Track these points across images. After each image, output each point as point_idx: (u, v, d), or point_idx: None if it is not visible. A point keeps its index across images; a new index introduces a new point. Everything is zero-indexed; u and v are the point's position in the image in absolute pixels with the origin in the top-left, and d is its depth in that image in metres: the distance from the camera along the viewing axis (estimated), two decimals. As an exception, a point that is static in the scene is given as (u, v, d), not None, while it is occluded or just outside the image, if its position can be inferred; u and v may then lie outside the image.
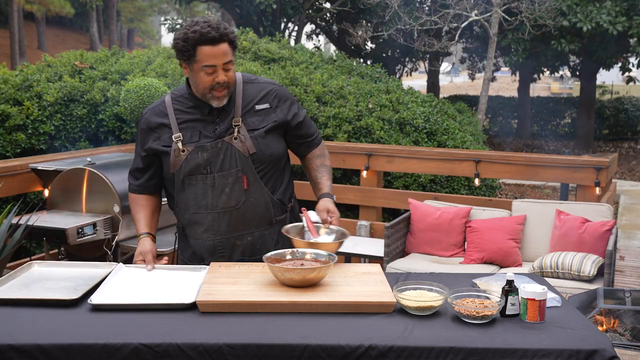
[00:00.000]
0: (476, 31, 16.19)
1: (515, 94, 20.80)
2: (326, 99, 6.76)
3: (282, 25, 15.24)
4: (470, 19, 11.56)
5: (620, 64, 15.22)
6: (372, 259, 4.68)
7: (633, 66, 15.21)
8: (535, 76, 19.07)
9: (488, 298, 2.10)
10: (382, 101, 6.93)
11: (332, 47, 19.63)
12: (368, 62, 17.04)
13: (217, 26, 2.33)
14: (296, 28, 15.76)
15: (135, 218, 2.60)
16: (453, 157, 5.31)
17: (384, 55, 17.97)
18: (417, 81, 27.84)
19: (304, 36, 18.06)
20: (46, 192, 4.25)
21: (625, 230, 7.88)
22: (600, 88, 21.21)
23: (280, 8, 14.07)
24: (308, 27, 18.19)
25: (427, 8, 14.30)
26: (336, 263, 2.32)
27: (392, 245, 4.50)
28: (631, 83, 16.70)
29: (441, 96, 18.86)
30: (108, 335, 1.87)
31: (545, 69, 17.32)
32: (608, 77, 23.87)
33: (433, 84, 19.11)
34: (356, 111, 6.58)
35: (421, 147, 6.28)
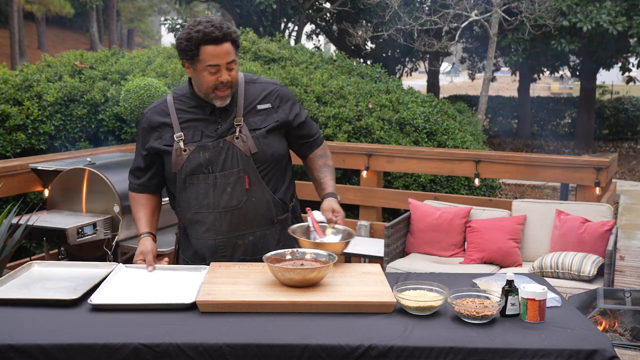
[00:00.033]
0: (476, 31, 16.19)
1: (515, 94, 20.79)
2: (326, 99, 6.76)
3: (282, 25, 15.24)
4: (470, 19, 11.55)
5: (620, 64, 15.21)
6: (372, 259, 4.68)
7: (633, 66, 15.21)
8: (535, 76, 19.07)
9: (488, 298, 2.10)
10: (382, 101, 6.93)
11: (332, 47, 19.64)
12: (368, 62, 17.04)
13: (221, 26, 2.33)
14: (296, 28, 15.76)
15: (135, 217, 2.60)
16: (453, 157, 5.31)
17: (384, 55, 17.96)
18: (417, 81, 27.84)
19: (304, 36, 18.06)
20: (46, 192, 4.25)
21: (625, 230, 7.88)
22: (600, 88, 21.20)
23: (280, 8, 14.07)
24: (308, 27, 18.19)
25: (427, 8, 14.30)
26: (336, 263, 2.32)
27: (392, 245, 4.50)
28: (631, 83, 16.70)
29: (441, 96, 18.85)
30: (108, 335, 1.87)
31: (545, 69, 17.32)
32: (608, 77, 23.86)
33: (433, 84, 19.11)
34: (356, 111, 6.58)
35: (421, 147, 6.28)
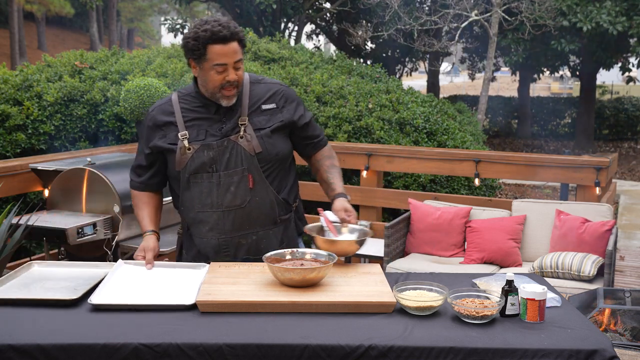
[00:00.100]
0: (476, 31, 16.19)
1: (515, 94, 20.80)
2: (326, 99, 6.76)
3: (282, 25, 15.24)
4: (470, 19, 11.55)
5: (620, 64, 15.21)
6: (372, 259, 4.68)
7: (633, 66, 15.20)
8: (535, 76, 19.06)
9: (488, 298, 2.10)
10: (382, 101, 6.92)
11: (332, 47, 19.63)
12: (368, 62, 17.04)
13: (228, 25, 2.35)
14: (296, 28, 15.75)
15: (139, 215, 2.60)
16: (453, 157, 5.31)
17: (384, 55, 17.96)
18: (417, 81, 27.83)
19: (304, 36, 18.06)
20: (46, 192, 4.25)
21: (625, 230, 7.88)
22: (600, 88, 21.21)
23: (280, 8, 14.07)
24: (308, 27, 18.19)
25: (427, 8, 14.29)
26: (336, 263, 2.32)
27: (392, 245, 4.50)
28: (631, 83, 16.69)
29: (441, 96, 18.85)
30: (108, 335, 1.87)
31: (545, 69, 17.31)
32: (608, 77, 23.87)
33: (433, 84, 19.11)
34: (356, 111, 6.58)
35: (421, 147, 6.28)
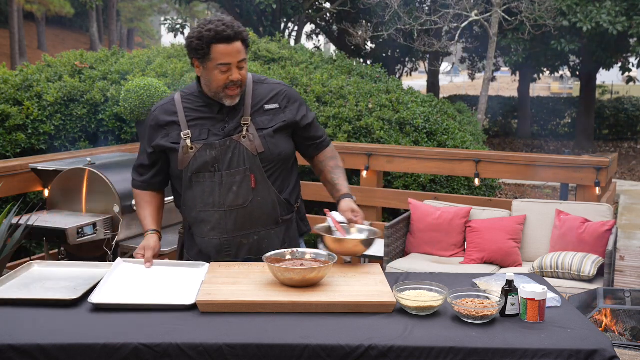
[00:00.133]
0: (476, 31, 16.18)
1: (515, 94, 20.79)
2: (326, 99, 6.76)
3: (282, 25, 15.24)
4: (470, 19, 11.55)
5: (620, 64, 15.21)
6: (372, 259, 4.68)
7: (633, 66, 15.20)
8: (535, 76, 19.06)
9: (488, 298, 2.10)
10: (382, 101, 6.92)
11: (332, 47, 19.63)
12: (368, 62, 17.04)
13: (232, 25, 2.35)
14: (296, 28, 15.75)
15: (141, 215, 2.61)
16: (453, 157, 5.31)
17: (384, 55, 17.96)
18: (417, 81, 27.83)
19: (304, 36, 18.05)
20: (46, 192, 4.25)
21: (625, 230, 7.88)
22: (600, 88, 21.20)
23: (280, 8, 14.06)
24: (308, 27, 18.18)
25: (427, 8, 14.29)
26: (336, 263, 2.32)
27: (392, 245, 4.50)
28: (631, 83, 16.69)
29: (441, 96, 18.85)
30: (108, 335, 1.87)
31: (545, 69, 17.30)
32: (608, 77, 23.87)
33: (433, 84, 19.11)
34: (356, 111, 6.58)
35: (421, 147, 6.28)
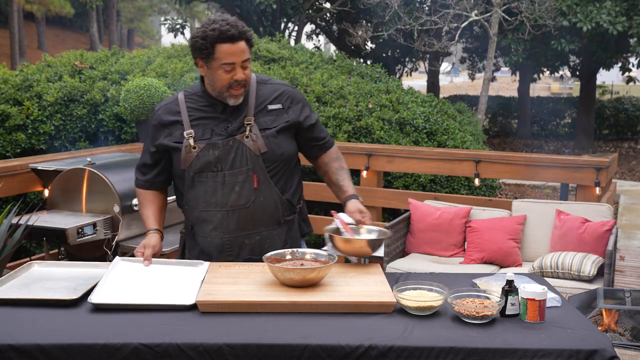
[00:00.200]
0: (476, 31, 16.19)
1: (515, 94, 20.79)
2: (326, 99, 6.75)
3: (282, 25, 15.24)
4: (470, 19, 11.55)
5: (620, 64, 15.21)
6: (372, 259, 4.67)
7: (633, 66, 15.19)
8: (535, 76, 19.06)
9: (488, 298, 2.10)
10: (382, 101, 6.92)
11: (332, 47, 19.63)
12: (368, 62, 17.04)
13: (236, 24, 2.36)
14: (296, 28, 15.75)
15: (143, 214, 2.61)
16: (453, 157, 5.31)
17: (384, 55, 17.96)
18: (417, 81, 27.83)
19: (304, 36, 18.05)
20: (46, 192, 4.25)
21: (625, 230, 7.88)
22: (600, 88, 21.19)
23: (280, 8, 14.06)
24: (308, 27, 18.18)
25: (427, 8, 14.29)
26: (336, 263, 2.32)
27: (392, 245, 4.50)
28: (631, 83, 16.69)
29: (441, 96, 18.85)
30: (108, 335, 1.87)
31: (545, 69, 17.30)
32: (608, 77, 23.86)
33: (433, 84, 19.10)
34: (356, 111, 6.57)
35: (421, 147, 6.28)
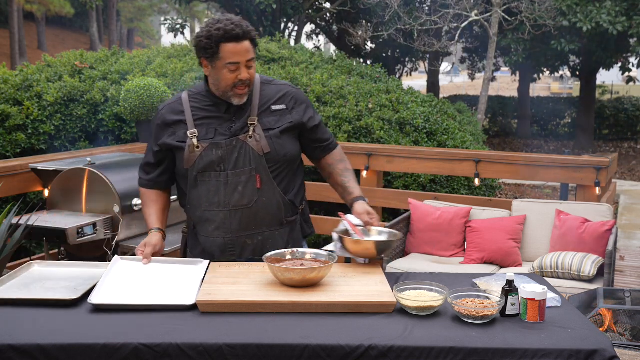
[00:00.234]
0: (476, 31, 16.19)
1: (515, 94, 20.79)
2: (326, 99, 6.75)
3: (282, 25, 15.23)
4: (470, 19, 11.55)
5: (620, 64, 15.21)
6: (372, 259, 4.67)
7: (633, 66, 15.19)
8: (535, 76, 19.06)
9: (488, 298, 2.10)
10: (382, 101, 6.92)
11: (332, 47, 19.62)
12: (368, 62, 17.04)
13: (240, 24, 2.36)
14: (296, 28, 15.75)
15: (146, 213, 2.61)
16: (453, 157, 5.31)
17: (384, 55, 17.96)
18: (417, 81, 27.83)
19: (304, 36, 18.05)
20: (46, 192, 4.25)
21: (625, 230, 7.88)
22: (600, 88, 21.20)
23: (280, 8, 14.06)
24: (308, 27, 18.18)
25: (427, 8, 14.29)
26: (336, 263, 2.32)
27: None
28: (631, 83, 16.69)
29: (441, 96, 18.85)
30: (108, 335, 1.87)
31: (545, 69, 17.29)
32: (608, 77, 23.87)
33: (433, 84, 19.11)
34: (356, 111, 6.57)
35: (421, 147, 6.28)
